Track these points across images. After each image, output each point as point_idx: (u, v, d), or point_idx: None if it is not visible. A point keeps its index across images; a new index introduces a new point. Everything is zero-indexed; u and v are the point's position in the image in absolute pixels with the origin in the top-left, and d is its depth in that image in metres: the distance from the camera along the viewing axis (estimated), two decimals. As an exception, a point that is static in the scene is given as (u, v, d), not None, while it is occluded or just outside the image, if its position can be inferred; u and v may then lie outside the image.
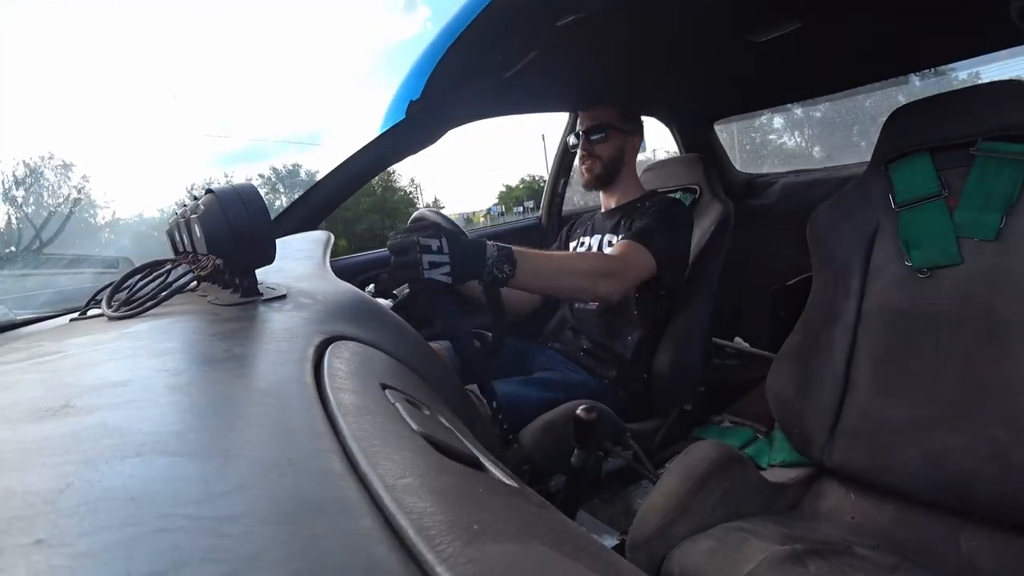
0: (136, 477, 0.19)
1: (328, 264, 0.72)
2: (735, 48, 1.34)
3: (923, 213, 0.84)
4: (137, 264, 0.64)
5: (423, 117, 1.25)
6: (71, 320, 0.60)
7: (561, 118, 1.92)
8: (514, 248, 0.92)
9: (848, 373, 0.87)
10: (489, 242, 0.90)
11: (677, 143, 2.10)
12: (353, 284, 0.58)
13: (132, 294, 0.56)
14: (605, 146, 1.38)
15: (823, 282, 0.93)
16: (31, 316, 0.76)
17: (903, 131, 0.87)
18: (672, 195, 1.53)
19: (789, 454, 1.07)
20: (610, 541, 1.00)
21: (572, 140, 1.43)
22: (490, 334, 0.99)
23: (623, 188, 1.42)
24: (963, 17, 1.17)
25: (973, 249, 0.79)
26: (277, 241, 0.52)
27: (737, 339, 1.85)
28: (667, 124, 2.04)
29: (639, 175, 1.52)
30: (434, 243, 0.82)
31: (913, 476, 0.78)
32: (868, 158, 0.93)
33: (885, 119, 0.90)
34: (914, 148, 0.85)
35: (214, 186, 0.50)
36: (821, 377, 0.89)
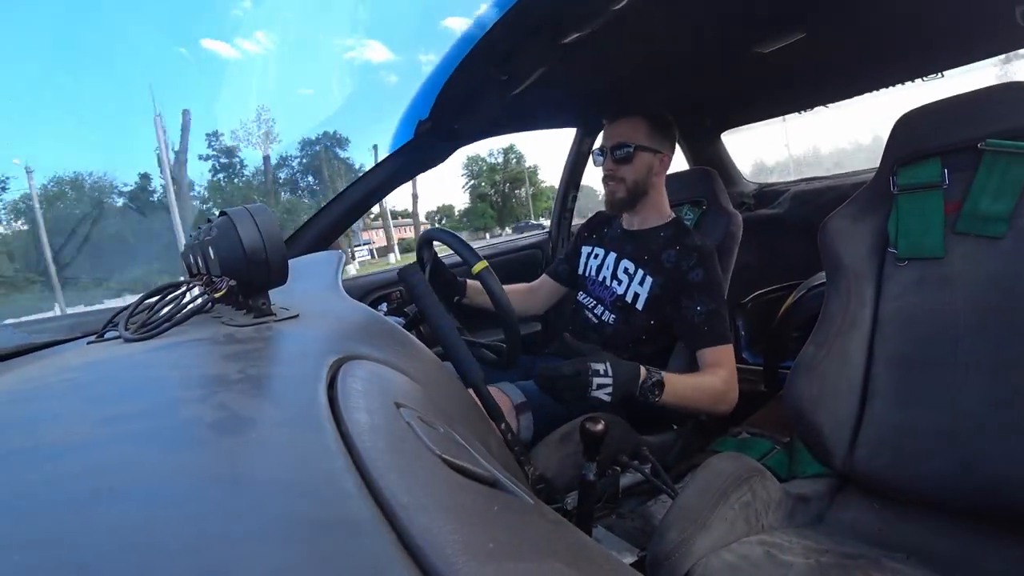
0: (153, 499, 0.20)
1: (340, 284, 0.72)
2: (741, 60, 1.34)
3: (919, 202, 0.84)
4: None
5: (432, 137, 1.27)
6: (88, 343, 0.61)
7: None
8: (663, 373, 1.03)
9: (866, 382, 0.86)
10: (642, 367, 1.02)
11: (685, 155, 2.10)
12: (365, 303, 0.59)
13: (149, 316, 0.57)
14: (630, 167, 1.27)
15: (836, 290, 0.92)
16: (49, 339, 0.77)
17: (911, 136, 0.87)
18: (678, 210, 1.50)
19: (810, 465, 1.04)
20: (629, 558, 0.98)
21: (597, 157, 1.33)
22: (503, 345, 1.00)
23: (647, 211, 1.33)
24: (967, 22, 1.17)
25: (987, 249, 0.78)
26: (290, 262, 0.53)
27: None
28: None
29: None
30: (602, 367, 0.95)
31: (943, 484, 0.76)
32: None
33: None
34: (924, 153, 0.85)
35: (228, 208, 0.51)
36: (838, 387, 0.87)
